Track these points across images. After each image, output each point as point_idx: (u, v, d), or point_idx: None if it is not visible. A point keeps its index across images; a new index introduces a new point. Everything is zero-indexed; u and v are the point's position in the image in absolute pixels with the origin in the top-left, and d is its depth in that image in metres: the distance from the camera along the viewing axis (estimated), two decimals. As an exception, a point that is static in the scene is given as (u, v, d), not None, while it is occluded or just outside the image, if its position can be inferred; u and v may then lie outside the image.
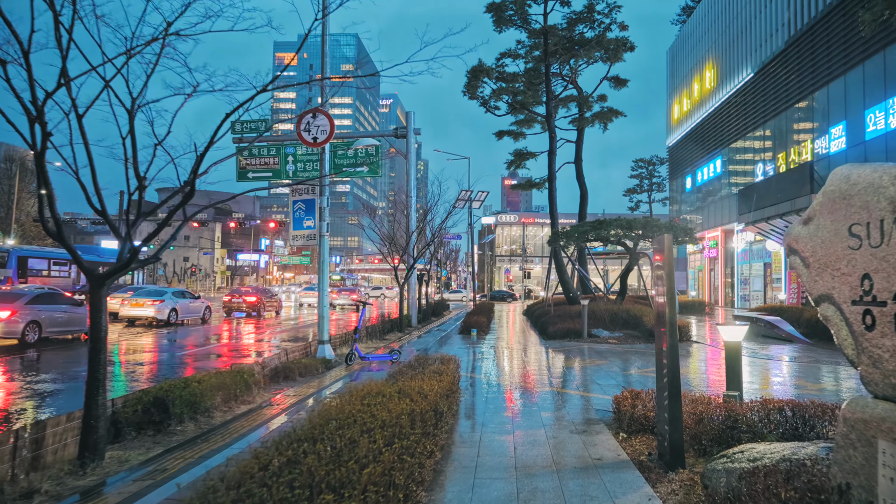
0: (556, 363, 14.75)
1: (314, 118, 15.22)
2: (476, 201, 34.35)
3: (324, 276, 15.68)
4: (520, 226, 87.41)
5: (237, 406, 9.60)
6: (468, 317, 25.76)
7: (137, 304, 27.60)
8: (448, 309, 44.11)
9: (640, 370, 13.56)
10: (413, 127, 28.17)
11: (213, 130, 6.79)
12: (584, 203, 32.86)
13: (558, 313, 23.26)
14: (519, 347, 18.40)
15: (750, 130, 38.14)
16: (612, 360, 15.28)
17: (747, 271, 41.42)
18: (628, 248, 23.38)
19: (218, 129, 6.82)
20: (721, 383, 11.78)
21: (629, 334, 20.68)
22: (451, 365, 10.41)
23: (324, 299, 15.56)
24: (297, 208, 15.40)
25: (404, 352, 17.37)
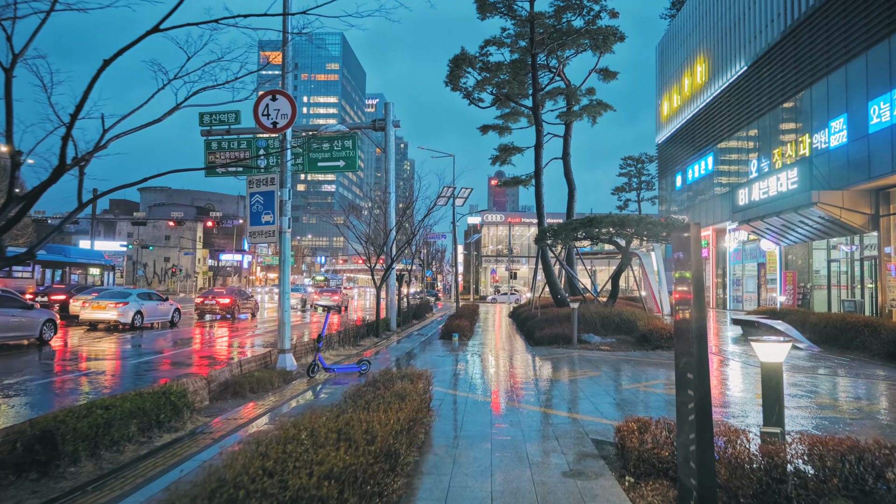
0: (543, 374, 13.19)
1: (274, 100, 13.59)
2: (460, 198, 32.75)
3: (285, 277, 14.05)
4: (506, 225, 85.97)
5: (160, 435, 7.96)
6: (450, 320, 24.20)
7: (99, 307, 26.04)
8: (431, 311, 42.52)
9: (638, 384, 12.01)
10: (392, 118, 26.63)
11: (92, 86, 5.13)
12: (572, 200, 31.33)
13: (546, 317, 21.72)
14: (504, 355, 16.82)
15: (743, 126, 36.78)
16: (605, 370, 13.73)
17: (740, 272, 40.08)
18: (620, 247, 21.88)
19: (94, 81, 5.16)
20: (740, 404, 10.23)
21: (622, 340, 19.15)
22: (421, 383, 8.83)
23: (284, 303, 13.92)
24: (255, 202, 13.76)
25: (377, 360, 15.77)
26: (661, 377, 12.82)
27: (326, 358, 16.12)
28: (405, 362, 15.45)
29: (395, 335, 24.43)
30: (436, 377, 12.69)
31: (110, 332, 24.15)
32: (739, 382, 12.50)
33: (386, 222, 25.42)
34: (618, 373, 13.42)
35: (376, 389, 8.14)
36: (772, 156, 32.48)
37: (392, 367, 14.36)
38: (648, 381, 12.16)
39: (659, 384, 11.88)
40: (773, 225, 29.99)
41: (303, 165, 26.39)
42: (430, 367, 14.44)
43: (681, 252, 4.70)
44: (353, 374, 13.21)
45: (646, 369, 13.98)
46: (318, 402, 10.19)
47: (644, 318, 19.31)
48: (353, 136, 26.31)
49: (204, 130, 27.11)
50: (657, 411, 9.19)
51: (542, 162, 28.95)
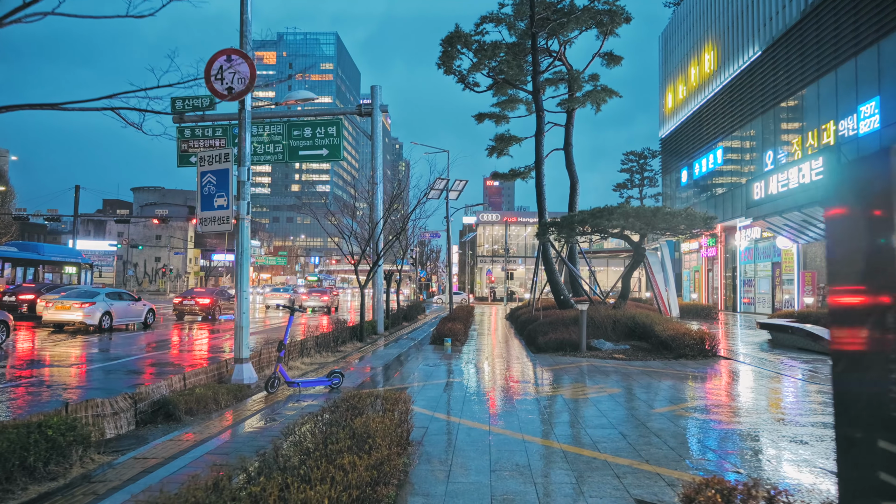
0: (552, 391, 10.86)
1: (229, 62, 11.28)
2: (454, 191, 30.42)
3: (243, 274, 11.72)
4: (502, 225, 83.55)
5: (24, 487, 5.64)
6: (442, 323, 21.89)
7: (63, 308, 24.03)
8: (424, 312, 40.19)
9: (673, 406, 9.68)
10: (379, 103, 24.41)
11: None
12: (575, 194, 29.05)
13: (549, 320, 19.42)
14: (503, 365, 14.50)
15: (757, 115, 34.54)
16: (626, 385, 11.42)
17: (752, 272, 37.81)
18: (632, 242, 19.61)
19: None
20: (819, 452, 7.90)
21: (637, 347, 16.85)
22: (398, 410, 6.56)
23: (242, 303, 11.60)
24: (206, 182, 11.42)
25: (355, 370, 13.45)
26: (700, 396, 10.51)
27: (296, 368, 13.80)
28: (386, 374, 13.13)
29: (383, 339, 22.15)
30: (421, 394, 10.39)
31: (74, 335, 22.08)
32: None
33: (372, 215, 23.12)
34: (642, 389, 11.11)
35: (333, 424, 5.86)
36: (790, 146, 30.24)
37: (371, 379, 12.05)
38: (685, 403, 9.84)
39: (699, 406, 9.56)
40: (791, 221, 27.77)
41: (283, 154, 24.27)
42: (416, 379, 12.13)
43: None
44: (321, 389, 10.91)
45: (676, 384, 11.67)
46: (268, 433, 7.88)
47: (661, 322, 17.02)
48: (338, 122, 24.08)
49: (176, 117, 24.90)
50: (731, 457, 6.86)
51: (543, 150, 26.64)
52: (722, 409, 9.30)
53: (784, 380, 12.30)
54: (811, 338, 16.26)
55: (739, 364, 14.50)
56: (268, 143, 24.37)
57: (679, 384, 11.62)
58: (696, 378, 12.36)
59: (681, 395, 10.40)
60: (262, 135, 24.23)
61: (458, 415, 8.81)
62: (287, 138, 24.03)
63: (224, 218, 11.33)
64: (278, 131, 24.12)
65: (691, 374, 12.77)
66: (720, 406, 9.51)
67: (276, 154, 24.23)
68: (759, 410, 9.25)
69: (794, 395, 10.78)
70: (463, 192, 33.76)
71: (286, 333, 10.96)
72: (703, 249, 44.52)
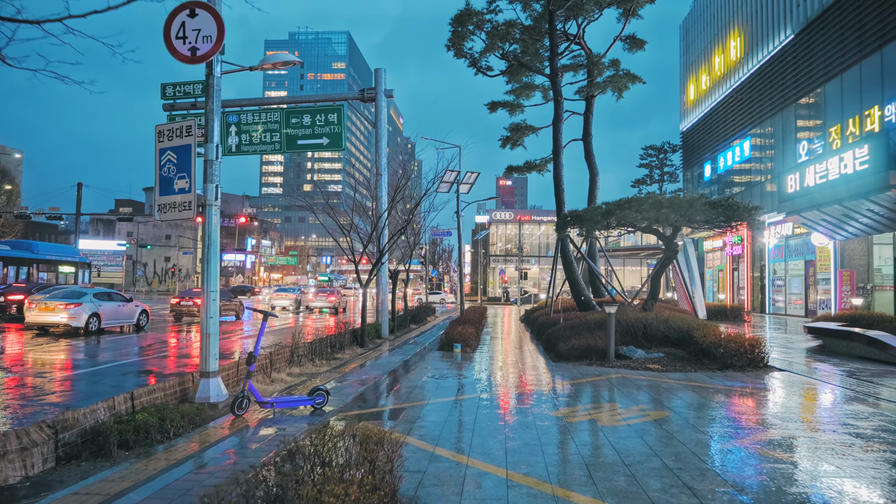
0: (585, 415, 8.85)
1: (192, 17, 9.37)
2: (465, 184, 28.42)
3: (211, 270, 9.80)
4: (516, 223, 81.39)
5: None
6: (452, 326, 19.92)
7: (46, 309, 22.56)
8: (434, 313, 38.26)
9: (749, 441, 7.65)
10: (384, 87, 22.49)
11: None
12: (595, 187, 27.04)
13: (570, 323, 17.39)
14: (520, 377, 12.49)
15: (790, 102, 32.33)
16: (672, 406, 9.40)
17: (782, 270, 35.56)
18: (664, 237, 17.55)
19: None
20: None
21: (673, 355, 14.80)
22: (381, 457, 4.62)
23: (210, 305, 9.67)
24: (166, 161, 9.50)
25: (348, 383, 11.49)
26: (776, 424, 8.44)
27: (280, 381, 11.87)
28: (383, 389, 11.17)
29: (387, 343, 20.24)
30: (423, 418, 8.43)
31: (57, 339, 20.51)
32: None
33: (377, 207, 21.22)
34: (694, 413, 9.09)
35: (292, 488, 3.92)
36: (828, 135, 28.06)
37: (363, 396, 10.10)
38: (762, 435, 7.78)
39: (784, 440, 7.52)
40: (830, 215, 25.58)
41: (280, 144, 22.49)
42: (418, 396, 10.16)
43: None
44: (302, 411, 8.98)
45: (734, 406, 9.63)
46: (213, 479, 5.95)
47: (700, 327, 14.96)
48: (339, 108, 22.22)
49: (166, 105, 23.11)
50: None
51: (561, 138, 24.64)
52: (822, 446, 7.26)
53: (870, 401, 10.20)
54: (877, 346, 14.15)
55: (799, 377, 12.40)
56: (264, 131, 22.60)
57: (738, 405, 9.57)
58: (756, 397, 10.31)
59: (749, 423, 8.35)
60: (257, 123, 22.50)
61: (467, 450, 6.83)
62: (285, 126, 22.25)
63: (186, 204, 9.41)
64: (274, 118, 22.36)
65: (747, 391, 10.71)
66: (818, 441, 7.46)
67: (273, 144, 22.48)
68: (873, 450, 7.21)
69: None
70: (475, 185, 31.72)
71: (257, 343, 9.01)
72: (727, 247, 42.29)
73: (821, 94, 29.36)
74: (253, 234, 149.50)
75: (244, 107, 22.95)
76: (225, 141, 22.73)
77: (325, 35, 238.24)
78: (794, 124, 32.52)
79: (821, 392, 10.93)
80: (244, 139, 22.67)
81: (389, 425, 8.16)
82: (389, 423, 8.28)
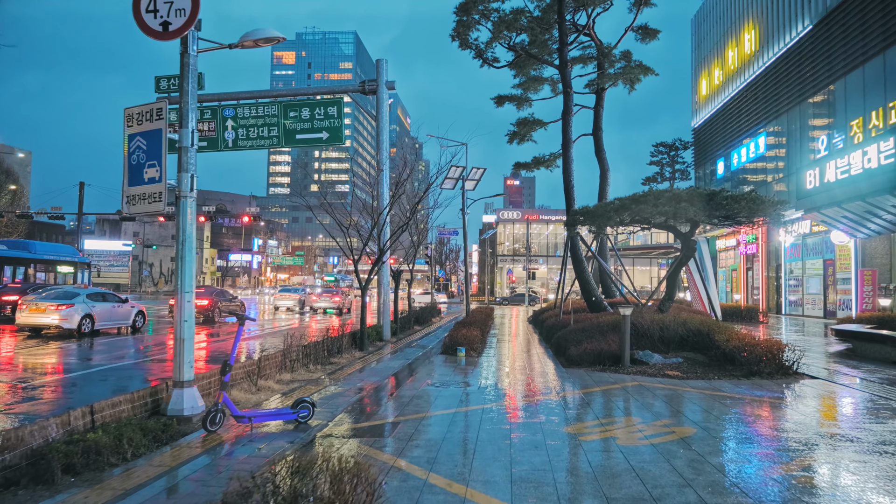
0: (600, 435, 7.87)
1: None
2: (470, 180, 27.42)
3: (185, 269, 8.85)
4: (523, 223, 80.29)
5: None
6: (456, 328, 18.94)
7: (37, 310, 21.77)
8: (440, 314, 37.25)
9: (792, 466, 6.64)
10: (385, 79, 21.56)
11: None
12: (605, 183, 26.05)
13: (581, 326, 16.37)
14: (528, 386, 11.50)
15: (807, 96, 31.22)
16: (697, 420, 8.40)
17: (799, 270, 34.42)
18: (680, 234, 16.53)
19: None
20: None
21: (692, 360, 13.78)
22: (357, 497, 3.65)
23: (184, 308, 8.73)
24: (135, 147, 8.56)
25: (341, 392, 10.52)
26: (820, 443, 7.45)
27: (267, 389, 10.91)
28: (378, 398, 10.19)
29: (389, 346, 19.29)
30: (418, 435, 7.46)
31: (47, 341, 19.72)
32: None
33: (378, 202, 20.29)
34: (725, 428, 8.08)
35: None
36: (849, 129, 26.95)
37: (355, 407, 9.14)
38: (807, 459, 6.77)
39: (835, 465, 6.52)
40: (851, 212, 24.51)
41: (277, 139, 21.60)
42: (415, 407, 9.20)
43: None
44: (283, 426, 8.02)
45: (766, 420, 8.62)
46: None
47: (722, 330, 13.94)
48: (339, 101, 21.31)
49: (161, 98, 22.25)
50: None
51: (571, 132, 23.61)
52: (887, 473, 6.26)
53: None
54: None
55: (836, 386, 11.35)
56: (262, 125, 21.71)
57: (772, 420, 8.55)
58: (791, 410, 9.28)
59: (791, 444, 7.31)
60: (254, 117, 21.64)
61: (466, 478, 5.86)
62: (283, 120, 21.35)
63: (156, 195, 8.46)
64: (272, 112, 21.47)
65: (780, 403, 9.69)
66: (879, 468, 6.46)
67: (271, 138, 21.59)
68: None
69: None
70: (483, 186, 30.74)
71: (233, 351, 8.07)
72: (741, 246, 41.17)
73: (841, 85, 28.25)
74: (259, 235, 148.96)
75: (241, 100, 22.07)
76: (222, 136, 21.91)
77: (332, 35, 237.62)
78: (811, 118, 31.40)
79: (863, 404, 9.88)
80: (241, 134, 21.81)
81: (380, 444, 7.20)
82: (380, 441, 7.31)
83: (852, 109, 27.12)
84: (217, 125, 21.88)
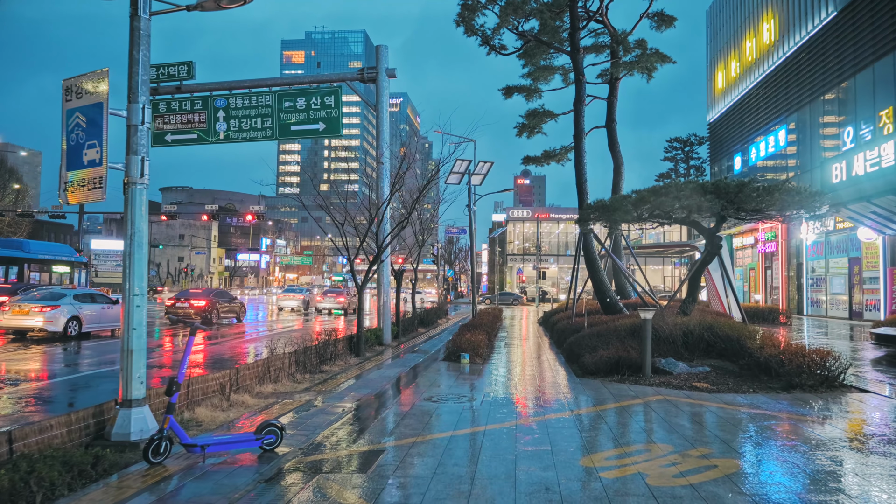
0: (623, 471, 6.49)
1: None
2: (477, 174, 26.05)
3: (134, 266, 7.53)
4: (533, 221, 78.77)
5: None
6: (461, 332, 17.58)
7: (21, 312, 20.92)
8: (447, 315, 35.92)
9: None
10: (386, 66, 20.32)
11: None
12: (619, 177, 24.62)
13: (596, 330, 14.97)
14: (537, 400, 10.13)
15: (832, 85, 29.66)
16: (743, 451, 7.03)
17: (822, 269, 32.85)
18: (704, 229, 15.12)
19: None
20: None
21: (720, 369, 12.37)
22: None
23: (131, 313, 7.42)
24: (74, 125, 7.27)
25: (324, 406, 9.17)
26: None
27: (240, 404, 9.58)
28: (363, 417, 8.82)
29: (389, 351, 18.01)
30: (402, 472, 6.12)
31: (28, 345, 18.69)
32: None
33: (378, 196, 19.02)
34: (781, 465, 6.69)
35: None
36: (877, 119, 25.42)
37: (335, 431, 7.82)
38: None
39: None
40: (881, 207, 23.03)
41: (272, 130, 20.43)
42: (405, 430, 7.84)
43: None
44: (243, 457, 6.69)
45: (831, 450, 7.21)
46: None
47: (753, 335, 12.55)
48: (336, 90, 20.06)
49: (150, 88, 21.09)
50: None
51: (583, 122, 22.22)
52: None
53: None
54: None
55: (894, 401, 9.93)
56: (255, 116, 20.50)
57: (835, 449, 7.13)
58: (853, 434, 7.88)
59: (871, 489, 5.95)
60: (247, 108, 20.48)
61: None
62: (277, 111, 20.16)
63: (96, 181, 7.15)
64: (266, 102, 20.31)
65: (838, 425, 8.29)
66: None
67: (265, 130, 20.44)
68: None
69: None
70: (491, 184, 29.34)
71: (182, 365, 6.74)
72: (759, 244, 39.61)
73: (868, 74, 26.71)
74: (268, 234, 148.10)
75: (233, 89, 20.87)
76: (213, 127, 20.72)
77: (342, 34, 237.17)
78: (836, 109, 29.86)
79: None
80: (233, 125, 20.66)
81: (355, 482, 5.86)
82: (356, 479, 5.97)
83: (882, 99, 25.58)
84: (208, 116, 20.72)
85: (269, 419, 7.41)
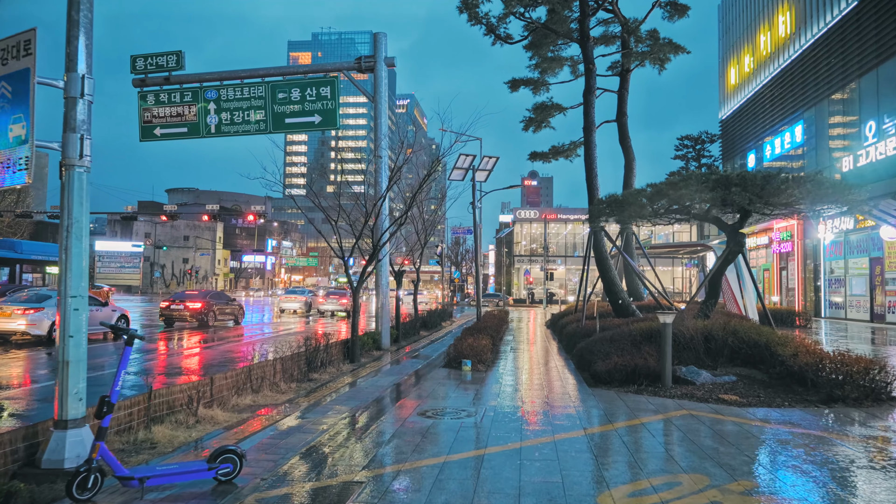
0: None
1: None
2: (482, 170, 24.91)
3: (71, 264, 6.41)
4: (541, 222, 77.54)
5: None
6: (464, 336, 16.45)
7: (3, 315, 19.87)
8: (451, 318, 34.79)
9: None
10: (384, 55, 19.26)
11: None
12: (631, 173, 23.51)
13: (608, 334, 13.79)
14: (545, 415, 8.97)
15: (852, 78, 28.45)
16: (790, 480, 5.85)
17: (840, 269, 31.58)
18: (726, 226, 13.94)
19: None
20: None
21: (747, 378, 11.19)
22: None
23: (71, 321, 6.31)
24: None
25: (305, 422, 8.01)
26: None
27: (209, 420, 8.44)
28: (346, 438, 7.65)
29: (387, 356, 16.91)
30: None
31: (8, 350, 17.88)
32: None
33: (377, 189, 17.94)
34: (839, 501, 5.54)
35: None
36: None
37: (311, 451, 6.68)
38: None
39: None
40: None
41: (265, 123, 19.35)
42: (390, 457, 6.69)
43: None
44: (192, 490, 5.57)
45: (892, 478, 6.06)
46: None
47: (783, 341, 11.36)
48: (332, 81, 18.94)
49: (137, 80, 19.99)
50: None
51: (593, 113, 21.09)
52: None
53: None
54: None
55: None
56: (247, 109, 19.44)
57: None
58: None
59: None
60: (239, 99, 19.44)
61: None
62: (271, 102, 19.09)
63: (21, 161, 6.03)
64: (259, 93, 19.24)
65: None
66: None
67: (258, 123, 19.37)
68: None
69: None
70: (498, 187, 28.19)
71: (116, 380, 5.61)
72: (774, 244, 38.35)
73: (891, 66, 25.48)
74: (273, 235, 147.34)
75: (224, 80, 19.80)
76: (204, 120, 19.67)
77: (349, 35, 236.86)
78: (857, 103, 28.61)
79: None
80: (224, 118, 19.57)
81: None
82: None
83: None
84: (199, 109, 19.65)
85: (225, 444, 6.28)
